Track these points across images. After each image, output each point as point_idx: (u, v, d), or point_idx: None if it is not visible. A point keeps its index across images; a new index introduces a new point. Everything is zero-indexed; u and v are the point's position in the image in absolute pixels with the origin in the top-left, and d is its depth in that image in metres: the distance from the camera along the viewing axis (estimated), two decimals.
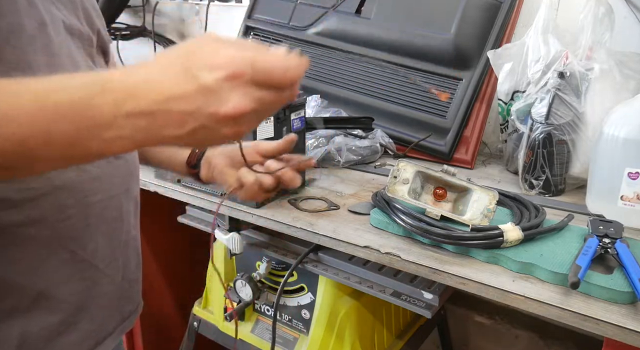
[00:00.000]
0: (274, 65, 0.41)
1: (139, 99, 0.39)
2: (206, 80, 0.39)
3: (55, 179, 0.55)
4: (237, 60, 0.40)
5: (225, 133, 0.41)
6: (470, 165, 1.19)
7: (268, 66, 0.40)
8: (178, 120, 0.40)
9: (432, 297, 0.87)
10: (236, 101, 0.40)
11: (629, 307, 0.63)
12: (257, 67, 0.40)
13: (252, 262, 1.09)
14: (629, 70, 0.99)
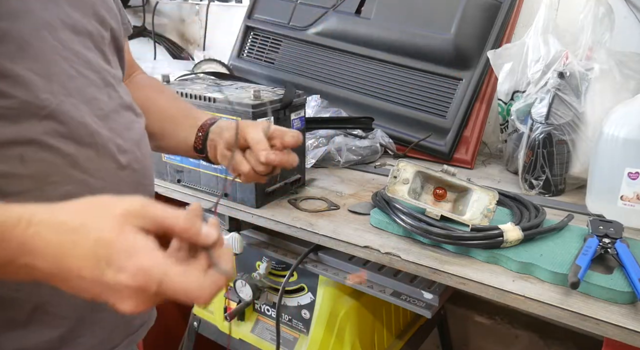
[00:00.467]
0: (184, 289, 0.39)
1: (40, 259, 0.40)
2: (110, 279, 0.39)
3: (51, 194, 0.53)
4: (148, 274, 0.39)
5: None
6: (470, 165, 1.19)
7: (178, 289, 0.39)
8: (75, 287, 0.41)
9: (432, 297, 0.87)
10: (133, 306, 0.40)
11: (629, 307, 0.63)
12: (165, 288, 0.39)
13: (252, 262, 1.09)
14: (629, 70, 0.99)
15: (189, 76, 1.23)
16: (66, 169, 0.54)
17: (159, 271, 0.39)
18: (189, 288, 0.39)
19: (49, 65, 0.53)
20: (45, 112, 0.52)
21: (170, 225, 0.41)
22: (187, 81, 1.11)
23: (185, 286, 0.39)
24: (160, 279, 0.38)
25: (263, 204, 0.95)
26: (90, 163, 0.56)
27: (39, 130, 0.52)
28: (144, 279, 0.38)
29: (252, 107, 0.87)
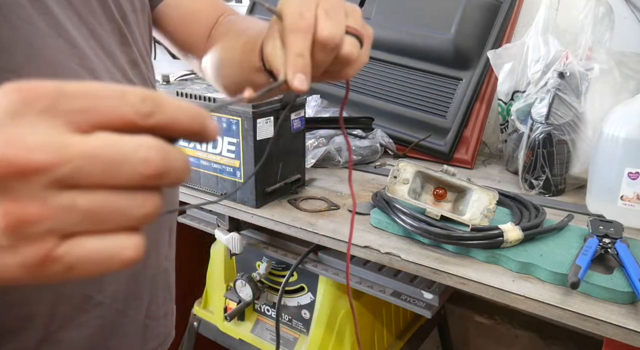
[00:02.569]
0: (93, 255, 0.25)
1: None
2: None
3: None
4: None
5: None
6: (470, 165, 1.19)
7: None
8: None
9: (432, 297, 0.87)
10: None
11: (629, 307, 0.63)
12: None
13: (252, 262, 1.09)
14: (629, 70, 0.99)
15: (189, 76, 1.23)
16: None
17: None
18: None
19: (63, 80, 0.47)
20: None
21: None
22: (187, 81, 1.11)
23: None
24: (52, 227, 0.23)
25: (263, 204, 0.95)
26: None
27: None
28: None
29: (252, 107, 0.87)
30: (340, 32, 0.39)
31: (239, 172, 0.93)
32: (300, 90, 0.37)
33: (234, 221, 1.03)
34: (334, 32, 0.38)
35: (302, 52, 0.38)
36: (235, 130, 0.91)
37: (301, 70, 0.38)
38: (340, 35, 0.39)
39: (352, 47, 0.40)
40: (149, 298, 0.59)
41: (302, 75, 0.38)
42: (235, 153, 0.92)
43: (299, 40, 0.38)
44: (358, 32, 0.41)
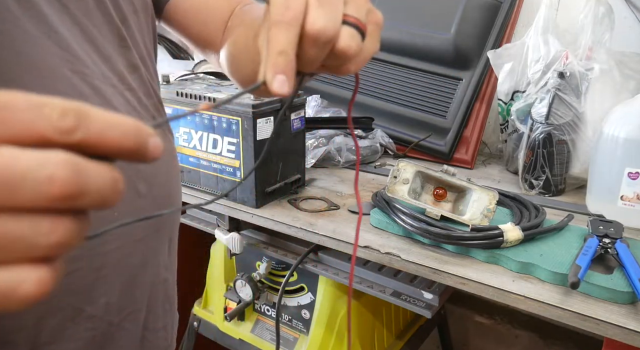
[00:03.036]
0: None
1: None
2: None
3: None
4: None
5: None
6: (470, 165, 1.19)
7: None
8: None
9: (432, 297, 0.87)
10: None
11: (629, 307, 0.63)
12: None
13: (252, 262, 1.09)
14: (629, 70, 0.99)
15: (189, 76, 1.23)
16: None
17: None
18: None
19: (52, 84, 0.44)
20: None
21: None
22: (187, 81, 1.11)
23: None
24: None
25: (263, 204, 0.95)
26: None
27: None
28: None
29: (252, 107, 0.87)
30: (334, 24, 0.33)
31: (239, 172, 0.93)
32: (280, 93, 0.32)
33: (234, 221, 1.03)
34: (325, 25, 0.33)
35: (284, 49, 0.32)
36: (235, 130, 0.91)
37: (282, 71, 0.32)
38: (334, 28, 0.33)
39: (350, 40, 0.34)
40: (147, 310, 0.56)
41: (282, 77, 0.32)
42: (235, 153, 0.92)
43: (281, 34, 0.33)
44: (358, 22, 0.35)
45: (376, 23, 0.38)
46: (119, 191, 0.24)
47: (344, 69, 0.37)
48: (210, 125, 0.94)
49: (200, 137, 0.97)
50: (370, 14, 0.37)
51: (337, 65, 0.36)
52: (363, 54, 0.36)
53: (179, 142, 1.00)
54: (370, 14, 0.37)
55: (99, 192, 0.22)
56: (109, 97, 0.48)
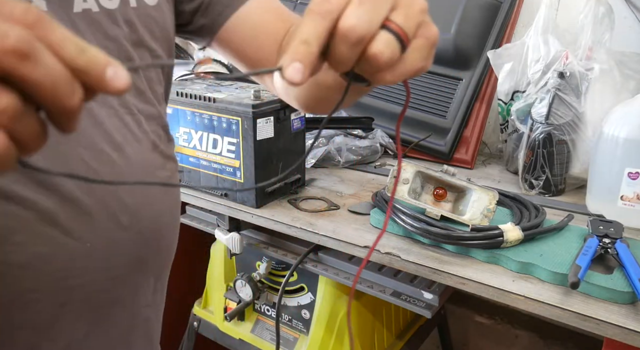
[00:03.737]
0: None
1: None
2: None
3: (12, 254, 0.41)
4: None
5: None
6: (470, 165, 1.19)
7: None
8: None
9: (432, 297, 0.87)
10: None
11: (629, 307, 0.63)
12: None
13: (252, 262, 1.09)
14: (629, 70, 0.99)
15: (189, 76, 1.23)
16: (38, 227, 0.42)
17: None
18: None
19: None
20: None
21: None
22: (187, 81, 1.11)
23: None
24: None
25: (263, 204, 0.95)
26: (75, 222, 0.44)
27: (5, 178, 0.40)
28: None
29: (252, 107, 0.87)
30: (369, 25, 0.31)
31: (239, 172, 0.93)
32: (292, 81, 0.30)
33: (234, 221, 1.03)
34: (358, 23, 0.31)
35: (308, 39, 0.31)
36: (235, 130, 0.91)
37: (299, 59, 0.30)
38: (368, 29, 0.31)
39: (384, 46, 0.31)
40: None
41: (298, 65, 0.30)
42: (235, 153, 0.92)
43: (310, 24, 0.31)
44: (401, 31, 0.32)
45: (427, 38, 0.34)
46: (74, 96, 0.24)
47: (377, 77, 0.34)
48: (210, 125, 0.94)
49: (200, 137, 0.97)
50: (423, 27, 0.34)
51: (371, 73, 0.34)
52: (403, 66, 0.33)
53: (179, 142, 1.00)
54: (422, 27, 0.34)
55: (50, 71, 0.22)
56: (102, 119, 0.47)
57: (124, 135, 0.49)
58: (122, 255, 0.48)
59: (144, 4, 0.51)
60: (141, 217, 0.49)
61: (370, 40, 0.31)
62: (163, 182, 0.54)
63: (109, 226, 0.46)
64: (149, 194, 0.51)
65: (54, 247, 0.43)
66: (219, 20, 0.60)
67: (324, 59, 0.33)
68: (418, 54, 0.34)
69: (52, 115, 0.25)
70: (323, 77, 0.47)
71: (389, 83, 0.34)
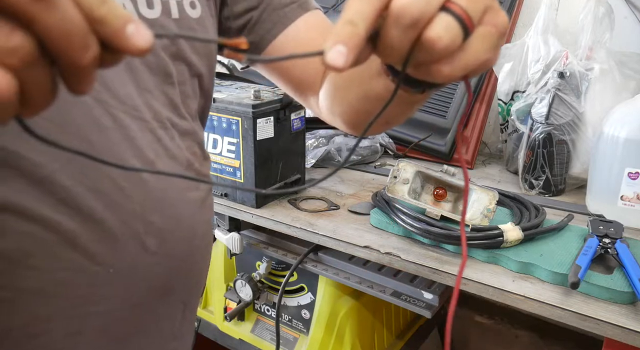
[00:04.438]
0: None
1: None
2: None
3: (28, 279, 0.38)
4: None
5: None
6: (470, 165, 1.19)
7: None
8: None
9: (432, 297, 0.87)
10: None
11: (629, 307, 0.63)
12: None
13: (252, 262, 1.09)
14: (629, 70, 0.99)
15: None
16: (58, 250, 0.39)
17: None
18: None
19: (66, 109, 0.39)
20: (40, 175, 0.38)
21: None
22: None
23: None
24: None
25: (263, 204, 0.95)
26: (98, 244, 0.41)
27: (25, 195, 0.37)
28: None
29: (252, 107, 0.87)
30: (427, 4, 0.27)
31: (239, 172, 0.93)
32: (333, 66, 0.26)
33: (234, 221, 1.03)
34: (413, 3, 0.26)
35: (353, 19, 0.26)
36: (235, 130, 0.91)
37: (343, 41, 0.26)
38: (424, 9, 0.26)
39: (443, 31, 0.27)
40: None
41: (341, 48, 0.26)
42: (235, 153, 0.92)
43: (356, 3, 0.27)
44: (464, 14, 0.27)
45: (495, 25, 0.29)
46: (88, 49, 0.22)
47: (433, 70, 0.29)
48: (211, 125, 0.94)
49: None
50: (490, 13, 0.29)
51: (427, 63, 0.29)
52: (465, 57, 0.28)
53: None
54: (489, 13, 0.29)
55: (67, 18, 0.21)
56: (133, 133, 0.43)
57: (156, 150, 0.45)
58: (145, 281, 0.45)
59: (186, 15, 0.49)
60: (170, 240, 0.46)
61: (428, 23, 0.27)
62: (197, 178, 0.50)
63: (134, 250, 0.43)
64: (179, 215, 0.47)
65: (73, 272, 0.40)
66: (267, 38, 0.58)
67: (372, 46, 0.28)
68: (483, 43, 0.29)
69: (63, 70, 0.23)
70: (372, 87, 0.43)
71: (446, 79, 0.29)
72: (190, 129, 0.51)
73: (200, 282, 0.53)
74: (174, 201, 0.47)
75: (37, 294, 0.39)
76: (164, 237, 0.45)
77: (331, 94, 0.54)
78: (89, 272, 0.41)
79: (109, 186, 0.41)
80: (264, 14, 0.57)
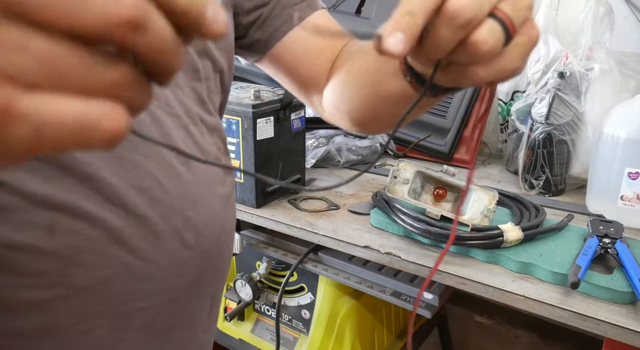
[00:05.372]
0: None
1: None
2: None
3: (78, 277, 0.38)
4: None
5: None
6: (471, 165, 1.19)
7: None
8: None
9: (432, 297, 0.87)
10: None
11: (629, 307, 0.63)
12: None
13: (252, 262, 1.09)
14: (629, 70, 0.99)
15: None
16: (105, 246, 0.40)
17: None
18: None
19: None
20: (87, 173, 0.38)
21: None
22: None
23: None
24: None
25: (263, 204, 0.95)
26: (141, 240, 0.41)
27: (74, 193, 0.38)
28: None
29: (252, 107, 0.87)
30: (480, 8, 0.28)
31: (238, 172, 0.93)
32: (392, 51, 0.27)
33: None
34: (469, 5, 0.28)
35: (412, 10, 0.28)
36: (235, 130, 0.91)
37: (402, 29, 0.27)
38: (478, 12, 0.28)
39: (489, 35, 0.28)
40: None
41: (400, 34, 0.27)
42: (235, 153, 0.92)
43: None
44: (509, 21, 0.29)
45: (530, 36, 0.31)
46: (179, 54, 0.22)
47: (470, 71, 0.30)
48: None
49: None
50: (528, 24, 0.31)
51: (465, 65, 0.30)
52: (502, 62, 0.30)
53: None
54: (527, 24, 0.31)
55: (160, 37, 0.20)
56: (169, 129, 0.44)
57: (189, 146, 0.46)
58: (183, 276, 0.45)
59: None
60: (205, 235, 0.47)
61: (476, 26, 0.29)
62: (225, 165, 0.51)
63: (174, 245, 0.44)
64: (210, 210, 0.48)
65: (120, 268, 0.41)
66: (276, 35, 0.58)
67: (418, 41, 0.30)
68: (519, 51, 0.31)
69: (154, 75, 0.23)
70: (384, 86, 0.44)
71: (479, 81, 0.31)
72: (217, 125, 0.52)
73: (225, 276, 0.54)
74: (206, 196, 0.47)
75: (87, 291, 0.39)
76: (200, 232, 0.46)
77: (339, 92, 0.54)
78: (134, 269, 0.41)
79: (150, 182, 0.42)
80: (274, 10, 0.57)
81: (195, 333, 0.51)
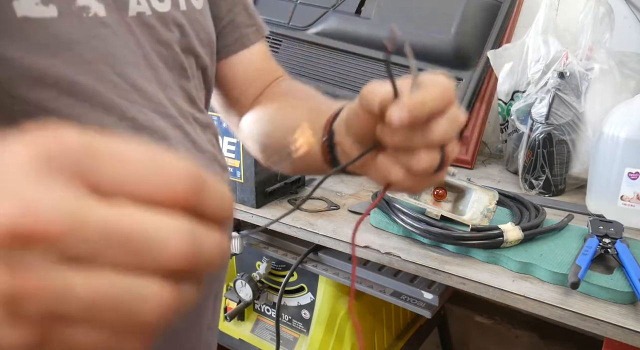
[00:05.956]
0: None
1: None
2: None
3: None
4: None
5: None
6: (470, 165, 1.19)
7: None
8: None
9: (432, 297, 0.87)
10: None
11: (629, 307, 0.63)
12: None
13: (252, 262, 1.09)
14: (629, 70, 0.99)
15: None
16: None
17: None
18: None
19: (103, 113, 0.41)
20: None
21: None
22: None
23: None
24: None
25: (263, 204, 0.95)
26: None
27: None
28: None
29: None
30: (449, 138, 0.35)
31: (239, 172, 0.93)
32: (394, 119, 0.33)
33: (233, 221, 1.03)
34: (446, 134, 0.35)
35: (425, 101, 0.34)
36: None
37: (410, 110, 0.33)
38: (444, 139, 0.35)
39: (431, 163, 0.36)
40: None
41: (405, 113, 0.33)
42: (235, 153, 0.92)
43: (433, 93, 0.34)
44: (447, 151, 0.36)
45: (451, 158, 0.38)
46: (226, 255, 0.23)
47: (384, 173, 0.42)
48: None
49: None
50: (452, 148, 0.38)
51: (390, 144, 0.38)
52: (427, 180, 0.39)
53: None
54: (451, 148, 0.37)
55: (210, 260, 0.21)
56: (166, 132, 0.45)
57: (186, 146, 0.47)
58: None
59: (192, 7, 0.50)
60: None
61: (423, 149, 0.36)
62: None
63: None
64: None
65: None
66: (225, 51, 0.59)
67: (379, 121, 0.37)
68: (440, 175, 0.39)
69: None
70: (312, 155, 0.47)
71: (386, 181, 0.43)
72: (209, 122, 0.53)
73: (225, 274, 0.56)
74: None
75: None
76: None
77: (258, 127, 0.57)
78: None
79: None
80: (227, 27, 0.58)
81: (201, 331, 0.52)
